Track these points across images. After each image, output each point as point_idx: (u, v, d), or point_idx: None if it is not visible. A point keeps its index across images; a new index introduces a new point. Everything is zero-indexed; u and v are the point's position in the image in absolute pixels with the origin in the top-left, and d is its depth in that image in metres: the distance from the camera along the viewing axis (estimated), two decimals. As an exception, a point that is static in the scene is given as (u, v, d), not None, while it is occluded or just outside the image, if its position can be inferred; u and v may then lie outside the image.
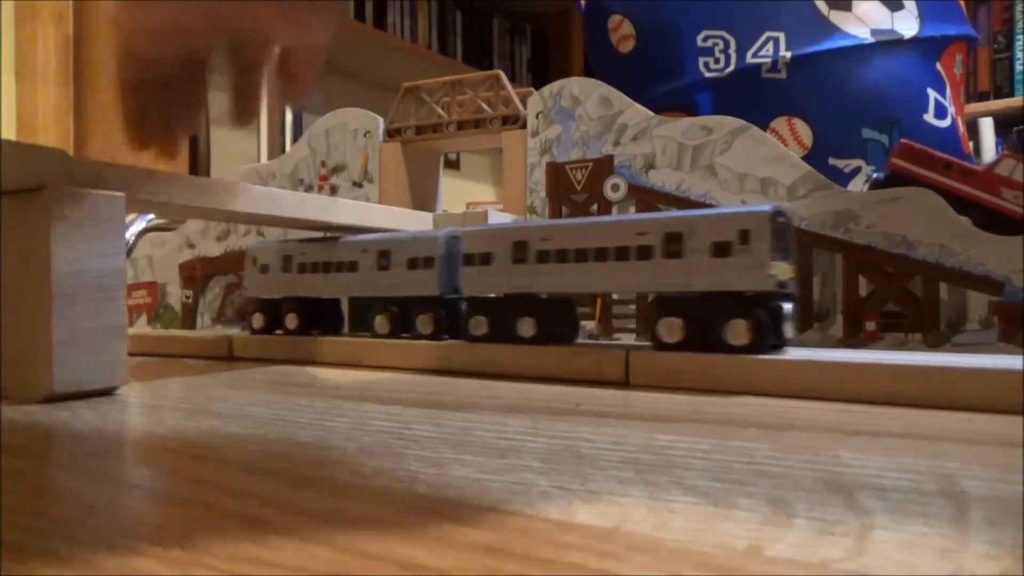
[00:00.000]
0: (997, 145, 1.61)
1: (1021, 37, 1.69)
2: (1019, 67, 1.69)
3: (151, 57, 0.31)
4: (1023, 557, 0.11)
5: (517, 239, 0.36)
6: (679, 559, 0.11)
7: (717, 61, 0.68)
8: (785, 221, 0.31)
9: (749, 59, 0.67)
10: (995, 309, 0.37)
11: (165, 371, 0.40)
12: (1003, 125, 1.62)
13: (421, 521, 0.13)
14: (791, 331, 0.32)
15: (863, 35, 0.66)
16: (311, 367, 0.41)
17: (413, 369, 0.39)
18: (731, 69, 0.68)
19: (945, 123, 0.69)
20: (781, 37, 0.66)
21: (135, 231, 0.72)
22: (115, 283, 0.30)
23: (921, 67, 0.68)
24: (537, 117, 0.52)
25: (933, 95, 0.68)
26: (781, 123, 0.66)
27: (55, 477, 0.18)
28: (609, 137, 0.49)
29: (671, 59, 0.71)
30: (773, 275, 0.30)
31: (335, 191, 0.61)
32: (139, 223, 0.72)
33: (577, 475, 0.16)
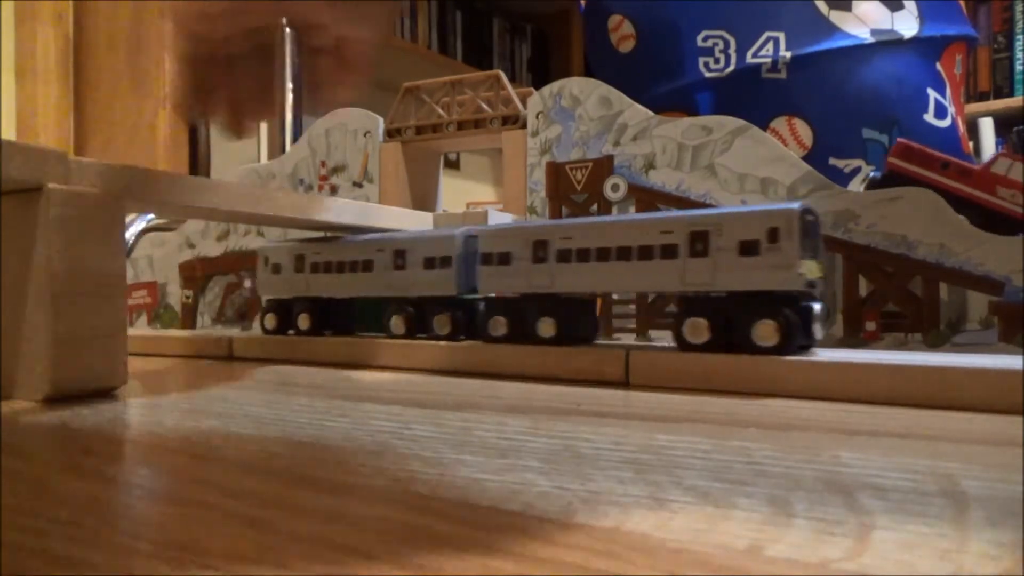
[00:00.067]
0: (997, 145, 1.61)
1: (1021, 37, 1.69)
2: (1019, 67, 1.69)
3: (204, 34, 0.32)
4: (1023, 557, 0.11)
5: (537, 238, 0.36)
6: (679, 559, 0.11)
7: (717, 61, 0.68)
8: (814, 219, 0.31)
9: (749, 59, 0.67)
10: (995, 309, 0.37)
11: (165, 371, 0.40)
12: (1003, 125, 1.62)
13: (421, 521, 0.13)
14: (820, 332, 0.31)
15: (863, 35, 0.66)
16: (311, 367, 0.41)
17: (413, 369, 0.39)
18: (731, 69, 0.68)
19: (945, 123, 0.69)
20: (781, 37, 0.66)
21: (135, 231, 0.72)
22: (115, 283, 0.30)
23: (921, 67, 0.68)
24: (537, 117, 0.52)
25: (933, 95, 0.68)
26: (781, 123, 0.66)
27: (55, 477, 0.18)
28: (609, 137, 0.49)
29: (671, 59, 0.71)
30: (802, 274, 0.29)
31: (335, 191, 0.61)
32: (139, 223, 0.72)
33: (577, 475, 0.16)
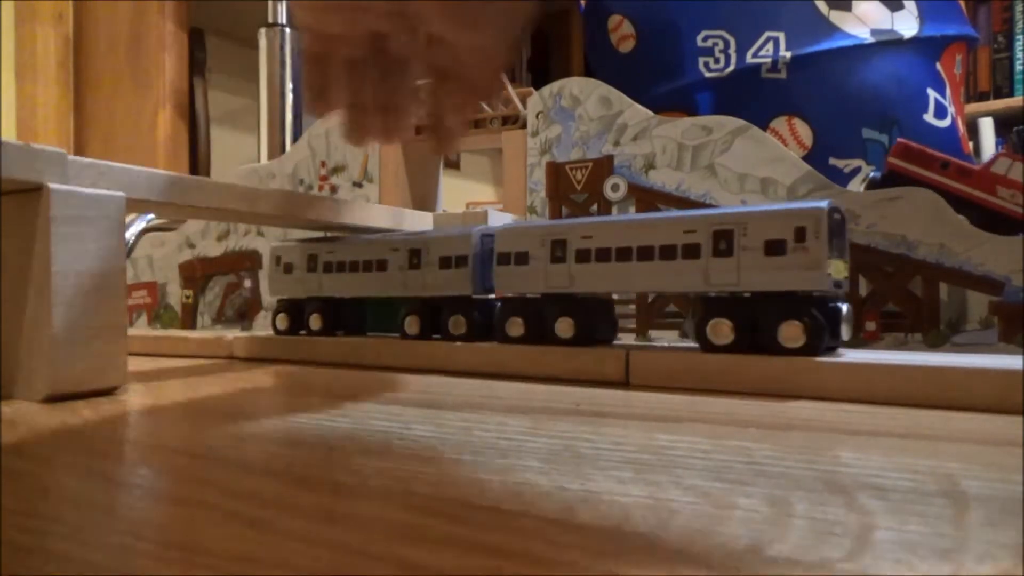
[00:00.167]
0: (997, 145, 1.61)
1: (1021, 37, 1.69)
2: (1019, 67, 1.69)
3: (325, 31, 0.32)
4: (1023, 557, 0.11)
5: (555, 237, 0.35)
6: (679, 559, 0.11)
7: (717, 61, 0.68)
8: (840, 218, 0.30)
9: (749, 59, 0.67)
10: (995, 309, 0.37)
11: (165, 371, 0.40)
12: (1003, 125, 1.62)
13: (421, 521, 0.13)
14: (847, 333, 0.31)
15: (863, 35, 0.66)
16: (312, 367, 0.41)
17: (413, 369, 0.39)
18: (731, 69, 0.68)
19: (945, 123, 0.68)
20: (781, 37, 0.66)
21: (135, 231, 0.72)
22: (115, 283, 0.30)
23: (921, 67, 0.68)
24: (537, 117, 0.52)
25: (933, 95, 0.68)
26: (781, 123, 0.66)
27: (55, 477, 0.17)
28: (609, 137, 0.49)
29: (671, 59, 0.71)
30: (830, 275, 0.29)
31: (335, 191, 0.61)
32: (139, 223, 0.72)
33: (577, 475, 0.16)
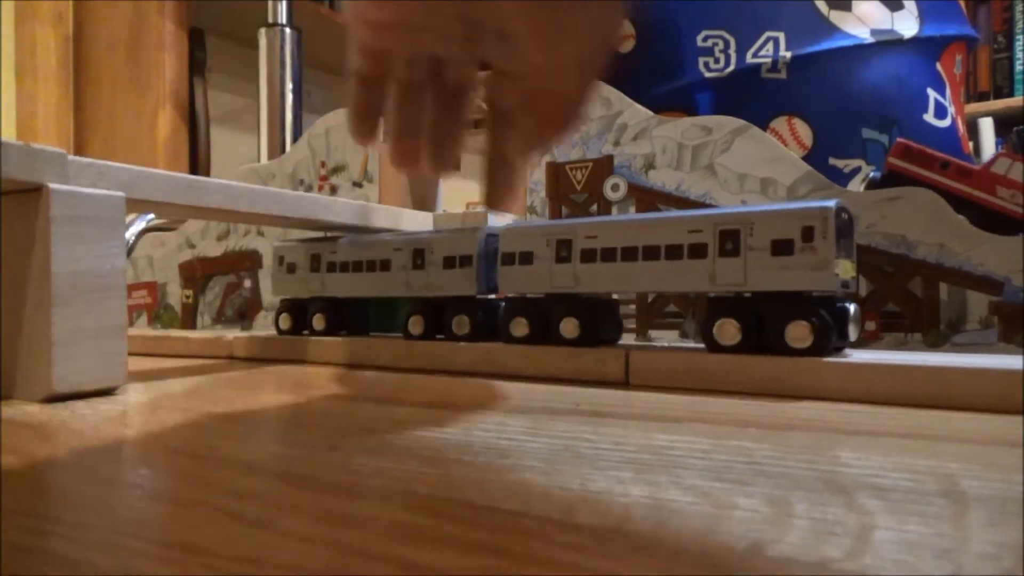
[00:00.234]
0: (997, 145, 1.61)
1: (1021, 37, 1.69)
2: (1019, 67, 1.69)
3: (376, 49, 0.29)
4: (1023, 557, 0.11)
5: (560, 237, 0.35)
6: (679, 559, 0.11)
7: (717, 61, 0.68)
8: (848, 218, 0.30)
9: (749, 59, 0.67)
10: (995, 309, 0.37)
11: (165, 371, 0.40)
12: (1003, 125, 1.62)
13: (421, 521, 0.13)
14: (855, 333, 0.31)
15: (863, 35, 0.66)
16: (313, 367, 0.41)
17: (413, 369, 0.39)
18: (731, 69, 0.68)
19: (945, 123, 0.68)
20: (781, 37, 0.66)
21: (135, 231, 0.72)
22: (115, 283, 0.30)
23: (921, 67, 0.68)
24: (537, 117, 0.52)
25: (933, 95, 0.68)
26: (781, 123, 0.66)
27: (55, 477, 0.17)
28: (609, 137, 0.49)
29: (671, 59, 0.71)
30: (837, 275, 0.28)
31: (335, 191, 0.61)
32: (139, 223, 0.72)
33: (577, 475, 0.16)
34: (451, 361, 0.38)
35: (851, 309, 0.30)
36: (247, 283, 0.65)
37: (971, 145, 0.90)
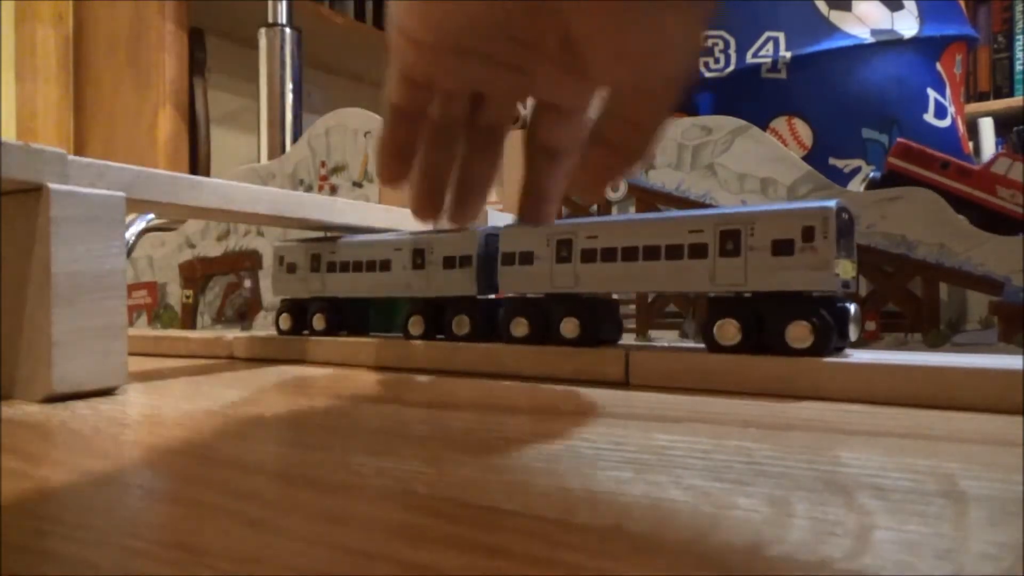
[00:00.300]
0: (997, 145, 1.61)
1: (1021, 37, 1.69)
2: (1019, 67, 1.69)
3: (418, 78, 0.25)
4: (1023, 557, 0.11)
5: (561, 237, 0.35)
6: (679, 559, 0.11)
7: (717, 61, 0.68)
8: (848, 218, 0.30)
9: (749, 59, 0.67)
10: (995, 309, 0.37)
11: (165, 371, 0.40)
12: (1003, 125, 1.62)
13: (421, 521, 0.13)
14: (855, 333, 0.31)
15: (863, 35, 0.66)
16: (312, 367, 0.41)
17: (412, 369, 0.39)
18: (731, 69, 0.68)
19: (945, 123, 0.68)
20: (781, 37, 0.66)
21: (135, 231, 0.72)
22: (115, 283, 0.30)
23: (921, 67, 0.68)
24: (537, 117, 0.52)
25: (933, 95, 0.68)
26: (781, 123, 0.66)
27: (55, 477, 0.17)
28: (609, 137, 0.49)
29: (671, 59, 0.71)
30: (838, 275, 0.29)
31: (335, 191, 0.61)
32: (139, 223, 0.72)
33: (577, 475, 0.16)
34: (451, 361, 0.38)
35: (851, 309, 0.30)
36: (247, 283, 0.65)
37: (971, 145, 0.90)
